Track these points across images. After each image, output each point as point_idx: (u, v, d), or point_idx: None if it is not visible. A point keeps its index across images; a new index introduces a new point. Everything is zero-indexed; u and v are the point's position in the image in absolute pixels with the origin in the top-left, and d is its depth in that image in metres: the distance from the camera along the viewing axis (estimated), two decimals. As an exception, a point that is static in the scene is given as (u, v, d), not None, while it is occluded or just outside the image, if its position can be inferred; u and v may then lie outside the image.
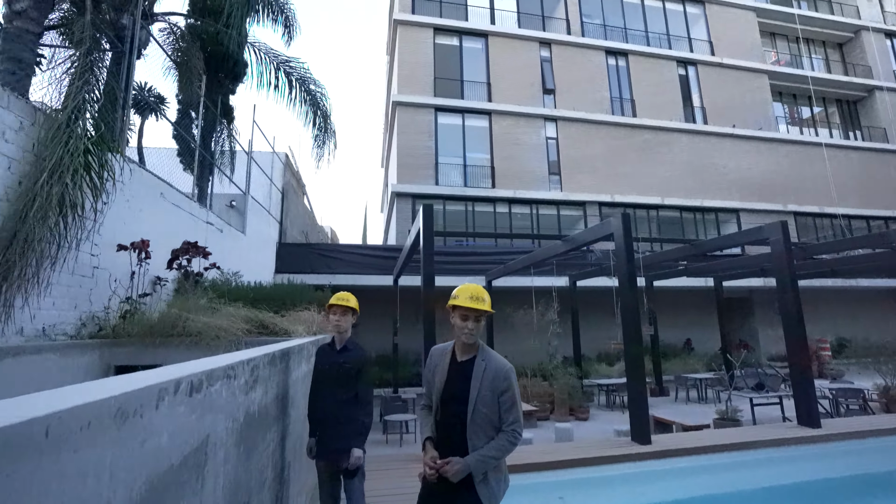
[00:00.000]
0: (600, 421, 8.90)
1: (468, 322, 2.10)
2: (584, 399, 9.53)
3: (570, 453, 4.98)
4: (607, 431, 7.47)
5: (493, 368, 2.08)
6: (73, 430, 0.70)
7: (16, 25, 4.25)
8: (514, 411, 2.06)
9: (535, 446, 5.63)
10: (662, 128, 17.90)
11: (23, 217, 3.39)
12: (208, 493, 1.34)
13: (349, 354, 2.90)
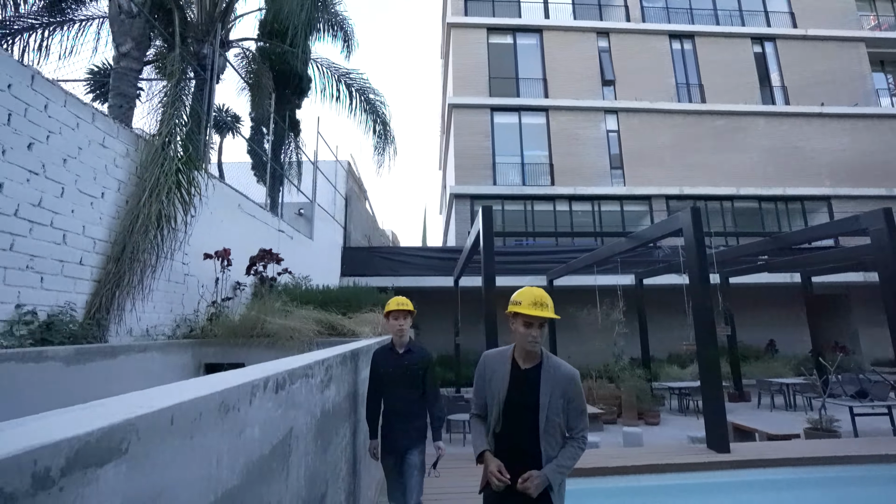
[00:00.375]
0: (672, 426, 8.43)
1: (532, 329, 1.99)
2: (653, 403, 9.08)
3: (640, 459, 4.78)
4: (680, 438, 7.06)
5: (562, 376, 2.00)
6: (190, 420, 0.83)
7: (122, 65, 4.85)
8: (584, 417, 2.02)
9: (602, 450, 5.46)
10: (736, 112, 16.59)
11: (130, 231, 3.86)
12: (292, 480, 1.48)
13: (413, 356, 2.97)
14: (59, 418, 0.64)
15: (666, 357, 13.11)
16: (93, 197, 3.73)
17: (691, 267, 5.33)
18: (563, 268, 10.30)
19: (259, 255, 5.70)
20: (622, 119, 16.36)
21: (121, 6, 4.96)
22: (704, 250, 5.30)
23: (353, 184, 15.19)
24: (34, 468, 0.50)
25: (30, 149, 3.22)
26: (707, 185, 15.85)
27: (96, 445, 0.59)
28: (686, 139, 16.29)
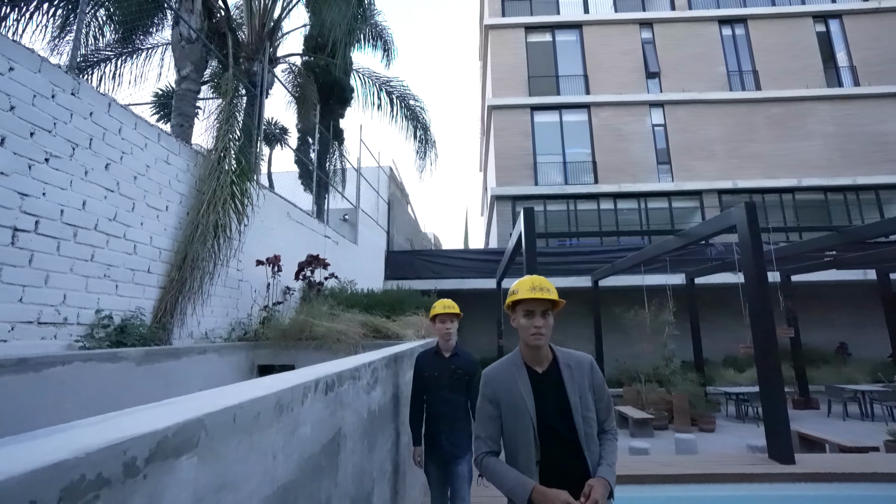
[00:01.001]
0: (729, 434, 7.98)
1: (534, 319, 1.71)
2: (708, 408, 8.63)
3: (694, 467, 4.57)
4: (738, 446, 6.69)
5: (580, 366, 1.77)
6: (250, 418, 0.90)
7: (182, 87, 5.24)
8: (612, 407, 1.82)
9: (653, 457, 5.27)
10: (796, 98, 15.49)
11: (190, 241, 4.16)
12: (341, 478, 1.56)
13: (460, 360, 2.92)
14: (142, 414, 0.73)
15: (721, 360, 12.43)
16: (158, 210, 4.05)
17: (747, 265, 5.04)
18: (608, 268, 10.01)
19: (307, 260, 5.94)
20: (668, 112, 15.70)
21: (182, 34, 5.36)
22: (761, 247, 5.00)
23: (396, 189, 15.49)
24: (124, 457, 0.58)
25: (107, 169, 3.55)
26: (764, 178, 14.91)
27: (173, 439, 0.67)
28: (739, 130, 15.40)
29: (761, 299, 4.86)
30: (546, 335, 1.72)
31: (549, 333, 1.73)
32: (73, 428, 0.62)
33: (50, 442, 0.55)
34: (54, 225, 3.12)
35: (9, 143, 2.89)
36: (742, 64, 16.20)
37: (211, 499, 0.78)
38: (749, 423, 8.74)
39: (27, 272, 2.93)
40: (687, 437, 6.52)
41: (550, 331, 1.74)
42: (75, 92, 3.33)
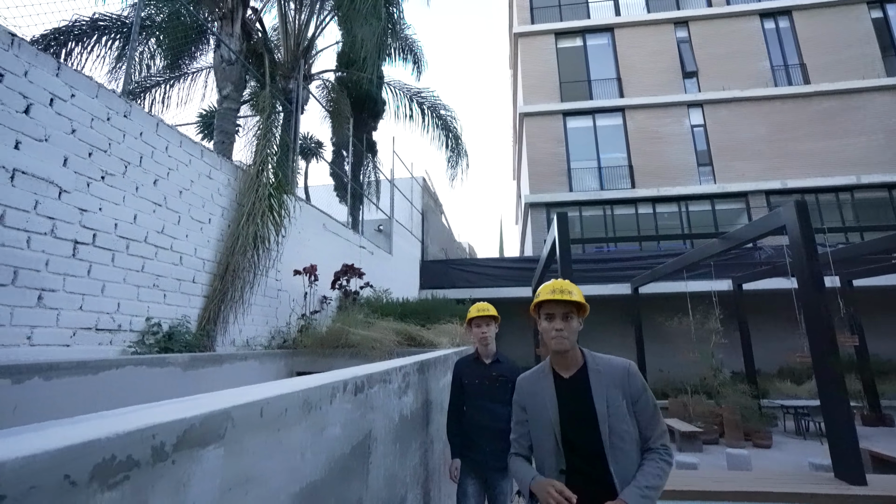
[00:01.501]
0: (787, 450, 7.44)
1: (554, 321, 1.67)
2: (763, 422, 8.09)
3: (749, 484, 4.28)
4: (799, 464, 6.22)
5: (611, 372, 1.64)
6: (276, 414, 0.92)
7: (224, 106, 5.53)
8: (658, 420, 1.61)
9: (703, 472, 4.97)
10: (850, 90, 14.55)
11: (231, 252, 4.34)
12: (372, 480, 1.55)
13: (502, 367, 2.70)
14: (171, 406, 0.75)
15: (776, 371, 11.67)
16: (202, 223, 4.25)
17: (799, 268, 4.73)
18: (648, 274, 9.65)
19: (342, 269, 6.06)
20: (708, 112, 15.12)
21: (222, 56, 5.67)
22: (814, 248, 4.68)
23: (429, 199, 15.64)
24: (153, 441, 0.60)
25: (155, 184, 3.77)
26: (817, 176, 14.03)
27: (200, 428, 0.69)
28: (786, 127, 14.60)
29: (817, 305, 4.53)
30: (568, 339, 1.67)
31: (571, 337, 1.68)
32: (106, 416, 0.64)
33: (83, 425, 0.57)
34: (109, 238, 3.33)
35: (70, 163, 3.12)
36: (787, 58, 15.42)
37: (238, 491, 0.79)
38: (811, 440, 8.13)
39: (86, 282, 3.14)
40: (740, 452, 6.13)
41: (574, 335, 1.69)
42: (127, 114, 3.57)
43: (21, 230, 2.80)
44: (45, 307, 2.89)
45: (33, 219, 2.88)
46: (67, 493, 0.48)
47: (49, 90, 3.05)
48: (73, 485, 0.49)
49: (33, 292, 2.84)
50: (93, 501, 0.51)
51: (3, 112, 2.77)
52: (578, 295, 1.70)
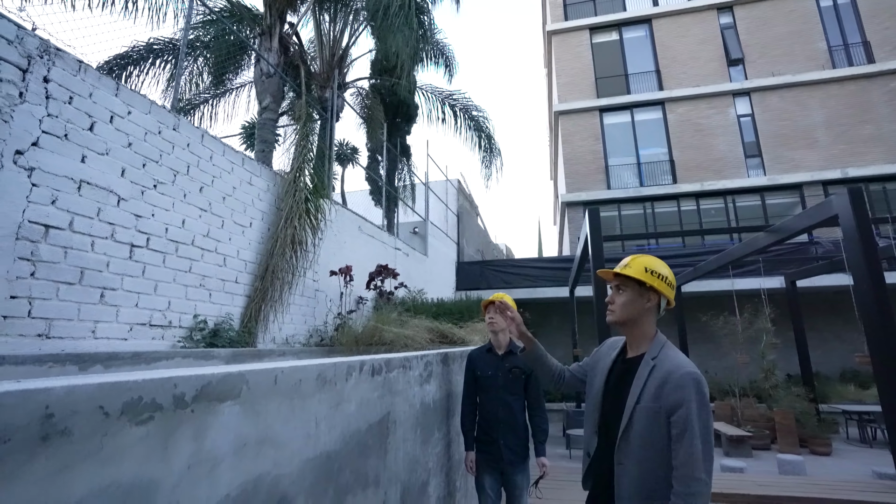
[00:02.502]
0: (850, 458, 6.93)
1: (612, 295, 1.60)
2: (822, 429, 7.57)
3: (802, 490, 4.05)
4: (862, 473, 5.79)
5: (663, 370, 1.45)
6: (291, 383, 1.01)
7: (264, 117, 5.86)
8: (684, 451, 1.34)
9: (748, 476, 4.74)
10: (922, 69, 13.37)
11: (271, 254, 4.59)
12: (391, 460, 1.63)
13: (517, 359, 2.63)
14: (195, 368, 0.86)
15: (838, 374, 10.88)
16: (243, 226, 4.53)
17: (854, 262, 4.43)
18: (690, 272, 9.27)
19: (377, 270, 6.24)
20: (756, 100, 14.33)
21: (262, 69, 6.01)
22: (872, 240, 4.37)
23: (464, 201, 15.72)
24: (174, 391, 0.70)
25: (201, 191, 4.06)
26: (884, 163, 12.97)
27: (217, 386, 0.79)
28: (847, 111, 13.60)
29: (877, 301, 4.23)
30: (616, 312, 1.58)
31: (621, 312, 1.57)
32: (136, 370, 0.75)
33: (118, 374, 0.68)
34: (161, 241, 3.63)
35: (127, 174, 3.43)
36: (848, 36, 14.37)
37: (253, 448, 0.88)
38: (879, 448, 7.52)
39: (141, 282, 3.43)
40: (793, 458, 5.78)
41: (625, 310, 1.57)
42: (176, 127, 3.88)
43: (86, 235, 3.11)
44: (106, 304, 3.19)
45: (96, 224, 3.19)
46: (102, 422, 0.59)
47: (109, 108, 3.37)
48: (107, 415, 0.59)
49: (96, 290, 3.14)
50: (123, 432, 0.61)
51: (73, 130, 3.10)
52: (634, 269, 1.56)
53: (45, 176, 2.91)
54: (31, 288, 2.78)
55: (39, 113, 2.92)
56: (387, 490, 1.57)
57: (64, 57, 3.06)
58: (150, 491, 0.65)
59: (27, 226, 2.79)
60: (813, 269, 8.79)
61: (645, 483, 1.41)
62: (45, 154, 2.93)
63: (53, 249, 2.91)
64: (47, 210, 2.89)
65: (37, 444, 0.51)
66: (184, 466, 0.71)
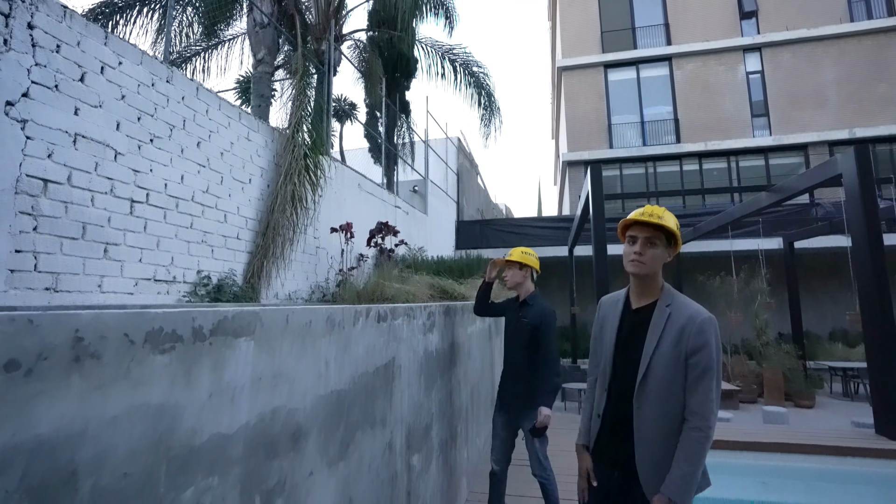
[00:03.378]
0: (832, 411, 7.23)
1: (635, 245, 1.56)
2: (808, 384, 7.84)
3: (779, 437, 4.25)
4: (841, 423, 6.06)
5: (681, 316, 1.50)
6: (301, 323, 1.05)
7: (259, 70, 5.68)
8: (702, 389, 1.43)
9: (733, 425, 4.97)
10: (941, 24, 12.86)
11: (271, 210, 4.58)
12: (396, 403, 1.71)
13: (528, 310, 2.74)
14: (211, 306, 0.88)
15: (828, 334, 11.15)
16: (243, 183, 4.49)
17: (854, 221, 4.44)
18: (689, 231, 9.29)
19: (377, 227, 6.24)
20: (767, 56, 13.86)
21: (255, 20, 5.76)
22: (873, 200, 4.37)
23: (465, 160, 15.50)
24: (193, 324, 0.73)
25: (198, 147, 4.00)
26: (892, 123, 12.72)
27: (232, 321, 0.82)
28: (861, 69, 13.18)
29: (873, 260, 4.27)
30: (647, 265, 1.55)
31: (650, 264, 1.55)
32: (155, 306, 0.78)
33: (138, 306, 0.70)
34: (161, 197, 3.61)
35: (122, 128, 3.36)
36: (867, -11, 13.74)
37: (269, 382, 0.93)
38: (860, 402, 7.83)
39: (143, 237, 3.45)
40: (777, 409, 6.03)
41: (653, 263, 1.55)
42: (169, 79, 3.76)
43: (85, 189, 3.09)
44: (110, 259, 3.21)
45: (95, 179, 3.16)
46: (129, 349, 0.62)
47: (99, 58, 3.26)
48: (132, 343, 0.62)
49: (100, 246, 3.16)
50: (148, 360, 0.64)
51: (63, 81, 3.01)
52: (669, 221, 1.56)
53: (39, 129, 2.85)
54: (34, 242, 2.79)
55: (27, 62, 2.83)
56: (392, 430, 1.65)
57: (47, 2, 2.93)
58: (177, 415, 0.69)
59: (25, 180, 2.77)
60: (812, 231, 8.81)
61: (664, 423, 1.48)
62: (37, 106, 2.86)
63: (54, 204, 2.90)
64: (44, 164, 2.86)
65: (71, 364, 0.54)
66: (205, 395, 0.75)
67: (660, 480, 1.46)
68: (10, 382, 0.48)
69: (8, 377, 0.47)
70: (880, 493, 3.83)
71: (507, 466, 2.75)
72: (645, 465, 1.49)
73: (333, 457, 1.19)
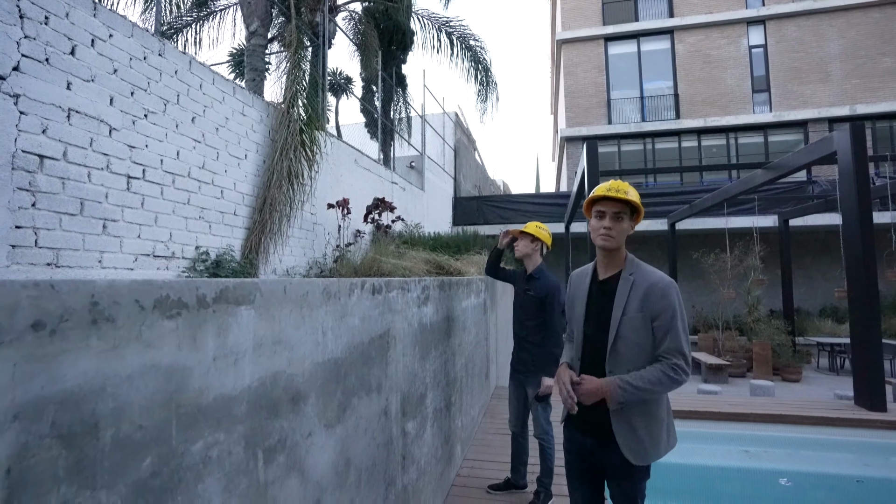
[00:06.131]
0: (817, 384, 7.46)
1: (604, 220, 1.64)
2: (796, 359, 8.05)
3: (765, 408, 4.42)
4: (825, 396, 6.26)
5: (644, 284, 1.61)
6: (299, 294, 1.11)
7: (252, 43, 5.56)
8: (674, 337, 1.56)
9: (721, 397, 5.14)
10: (948, -3, 12.59)
11: (268, 186, 4.59)
12: (391, 372, 1.79)
13: (535, 282, 2.85)
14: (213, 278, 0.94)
15: (818, 311, 11.35)
16: (239, 158, 4.49)
17: (846, 198, 4.50)
18: (686, 209, 9.34)
19: (374, 203, 6.26)
20: (771, 29, 13.60)
21: (247, -12, 5.60)
22: (866, 177, 4.40)
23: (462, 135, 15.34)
24: (197, 293, 0.78)
25: (193, 122, 3.98)
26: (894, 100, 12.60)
27: (233, 291, 0.87)
28: (867, 42, 12.97)
29: (862, 237, 4.34)
30: (615, 238, 1.64)
31: (618, 237, 1.65)
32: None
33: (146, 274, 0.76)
34: (157, 173, 3.62)
35: (116, 102, 3.34)
36: (875, -41, 13.36)
37: (269, 347, 0.99)
38: (844, 376, 8.05)
39: (141, 213, 3.47)
40: (764, 383, 6.21)
41: (621, 236, 1.66)
42: (162, 53, 3.71)
43: (82, 165, 3.10)
44: (109, 235, 3.25)
45: (91, 155, 3.16)
46: (139, 313, 0.67)
47: (89, 31, 3.21)
48: (142, 308, 0.67)
49: (98, 221, 3.19)
50: (157, 324, 0.70)
51: (54, 54, 2.98)
52: (634, 196, 1.65)
53: (33, 104, 2.84)
54: (34, 218, 2.82)
55: (16, 34, 2.79)
56: (388, 396, 1.74)
57: (34, -29, 2.86)
58: (186, 375, 0.75)
59: (21, 156, 2.78)
60: (807, 209, 8.87)
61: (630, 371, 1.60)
62: (29, 80, 2.84)
63: (51, 180, 2.91)
64: (39, 140, 2.86)
65: (89, 326, 0.59)
66: (210, 358, 0.81)
67: (639, 445, 1.56)
68: (37, 341, 0.53)
69: (36, 336, 0.53)
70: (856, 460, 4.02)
71: (523, 428, 2.96)
72: (620, 427, 1.58)
73: (331, 419, 1.27)
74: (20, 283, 0.52)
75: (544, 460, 2.77)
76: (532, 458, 2.97)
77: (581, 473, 1.72)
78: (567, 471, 1.77)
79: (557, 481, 2.77)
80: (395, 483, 1.79)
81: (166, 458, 0.71)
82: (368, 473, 1.53)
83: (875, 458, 3.98)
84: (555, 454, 2.76)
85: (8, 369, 0.50)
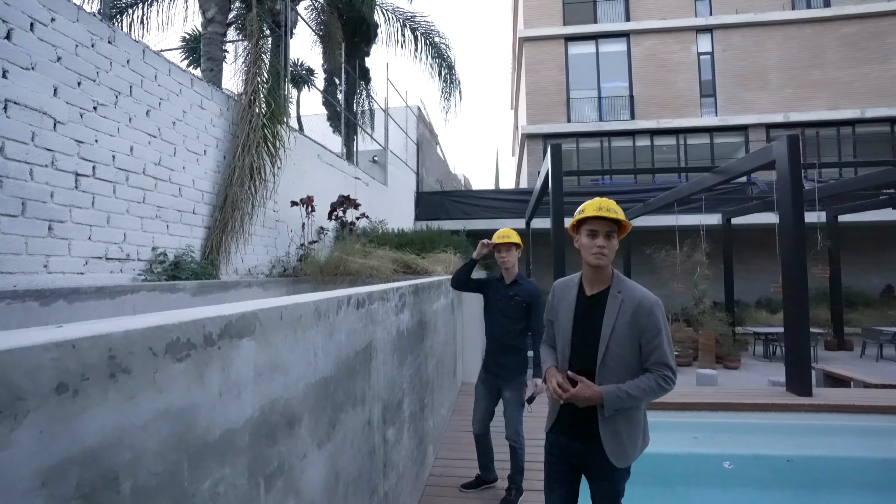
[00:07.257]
0: (753, 371, 8.10)
1: (597, 239, 1.69)
2: (735, 348, 8.70)
3: (710, 397, 4.77)
4: (761, 383, 6.81)
5: (632, 301, 1.69)
6: (294, 318, 1.10)
7: (209, 30, 5.29)
8: (661, 352, 1.65)
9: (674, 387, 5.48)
10: (875, 13, 13.76)
11: (229, 183, 4.41)
12: (374, 381, 1.81)
13: (520, 288, 2.94)
14: (214, 307, 0.92)
15: (755, 302, 12.27)
16: (198, 154, 4.28)
17: (782, 202, 4.89)
18: (640, 207, 9.80)
19: (339, 200, 6.16)
20: (718, 38, 14.41)
21: (202, -29, 5.30)
22: (800, 184, 4.81)
23: (424, 129, 15.27)
24: (204, 331, 0.77)
25: (148, 115, 3.75)
26: (824, 109, 13.73)
27: (236, 324, 0.87)
28: (801, 55, 14.01)
29: (795, 238, 4.75)
30: (608, 256, 1.71)
31: (611, 256, 1.72)
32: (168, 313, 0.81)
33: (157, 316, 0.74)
34: (109, 170, 3.40)
35: (61, 93, 3.10)
36: (808, -22, 14.44)
37: (267, 375, 0.99)
38: (776, 363, 8.79)
39: (92, 213, 3.25)
40: (709, 372, 6.68)
41: (613, 254, 1.73)
42: (112, 40, 3.47)
43: (23, 162, 2.86)
44: (56, 237, 3.03)
45: (33, 151, 2.93)
46: (153, 360, 0.66)
47: (28, 13, 2.95)
48: (155, 355, 0.66)
49: (43, 223, 2.96)
50: (168, 368, 0.69)
51: (-14, 38, 2.72)
52: (622, 215, 1.73)
53: (-36, 92, 2.59)
54: (-32, 219, 2.58)
55: (-59, 15, 2.53)
56: (371, 407, 1.75)
57: (-36, -55, 2.60)
58: (195, 413, 0.74)
59: (-47, 150, 2.53)
60: (748, 208, 9.54)
61: None
62: (-41, 66, 2.59)
63: (-13, 177, 2.68)
64: (-27, 133, 2.62)
65: (107, 381, 0.58)
66: (216, 393, 0.80)
67: (622, 448, 1.67)
68: (61, 404, 0.52)
69: (59, 399, 0.52)
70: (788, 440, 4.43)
71: (487, 429, 3.04)
72: (608, 436, 1.68)
73: (322, 437, 1.27)
74: (41, 345, 0.50)
75: (516, 460, 2.86)
76: (501, 456, 3.05)
77: (562, 476, 1.81)
78: (548, 473, 1.86)
79: (528, 476, 2.89)
80: (377, 490, 1.81)
81: (180, 501, 0.71)
82: (355, 485, 1.55)
83: (803, 438, 4.40)
84: (525, 454, 2.87)
85: (34, 435, 0.49)
